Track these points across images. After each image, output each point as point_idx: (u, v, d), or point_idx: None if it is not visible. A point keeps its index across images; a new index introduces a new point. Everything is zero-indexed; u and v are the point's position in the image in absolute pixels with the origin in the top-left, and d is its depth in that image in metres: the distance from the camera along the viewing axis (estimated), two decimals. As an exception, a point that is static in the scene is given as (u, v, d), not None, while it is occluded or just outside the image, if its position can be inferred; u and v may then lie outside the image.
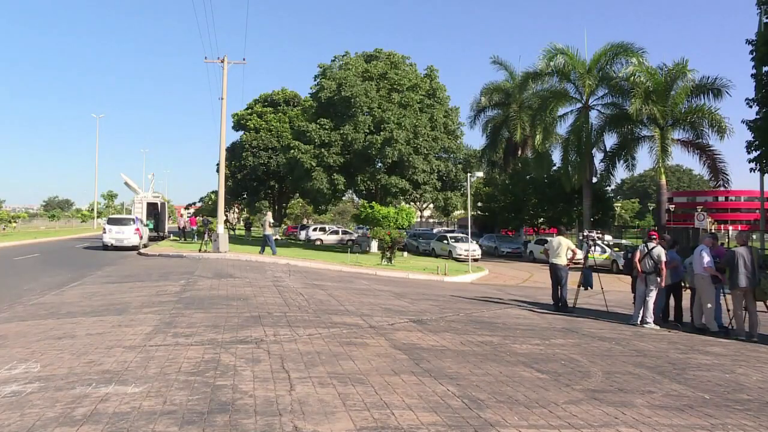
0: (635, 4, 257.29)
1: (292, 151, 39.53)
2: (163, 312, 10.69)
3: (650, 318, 12.96)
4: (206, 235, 30.85)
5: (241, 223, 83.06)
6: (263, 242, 28.85)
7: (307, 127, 39.47)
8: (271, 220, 30.33)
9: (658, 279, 12.83)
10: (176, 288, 14.56)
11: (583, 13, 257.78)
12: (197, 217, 50.84)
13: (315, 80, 42.52)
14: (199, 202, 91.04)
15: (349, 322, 10.59)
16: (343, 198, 55.79)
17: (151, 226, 40.86)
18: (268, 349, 7.89)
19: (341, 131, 38.51)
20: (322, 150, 38.64)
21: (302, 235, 56.74)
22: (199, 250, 28.03)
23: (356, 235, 51.86)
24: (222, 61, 30.57)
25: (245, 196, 63.53)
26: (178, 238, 42.63)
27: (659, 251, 12.96)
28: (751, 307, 12.23)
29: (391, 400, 5.81)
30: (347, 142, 38.54)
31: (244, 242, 41.34)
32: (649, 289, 12.92)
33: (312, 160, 38.49)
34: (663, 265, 12.77)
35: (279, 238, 57.82)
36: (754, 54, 36.88)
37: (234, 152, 57.57)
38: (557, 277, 14.72)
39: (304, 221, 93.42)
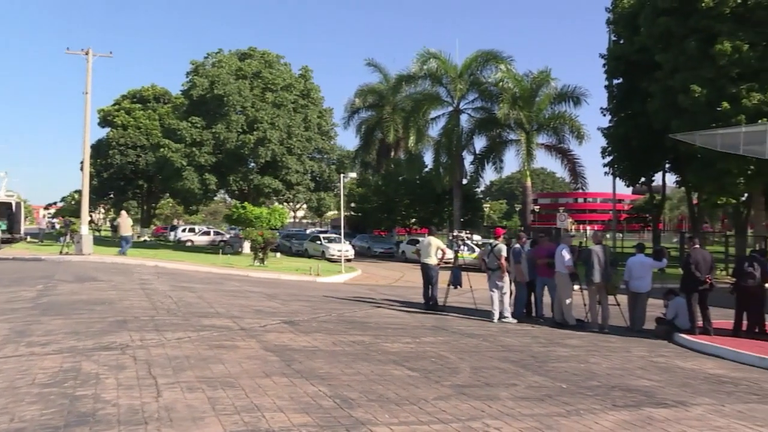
0: (505, 14, 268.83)
1: (161, 149, 38.14)
2: (15, 320, 9.90)
3: (507, 312, 13.66)
4: (68, 237, 29.12)
5: (108, 224, 79.25)
6: (121, 243, 27.61)
7: (177, 125, 38.25)
8: (130, 221, 29.09)
9: (502, 274, 13.59)
10: (32, 293, 13.60)
11: (455, 19, 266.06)
12: (53, 219, 47.86)
13: (187, 77, 41.23)
14: (60, 201, 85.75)
15: (219, 324, 10.39)
16: (215, 198, 54.54)
17: (4, 227, 37.98)
18: (134, 354, 7.59)
19: (213, 130, 37.61)
20: (194, 149, 37.57)
21: (172, 236, 54.97)
22: (60, 253, 26.44)
23: (228, 236, 50.80)
24: (86, 53, 28.91)
25: (112, 195, 60.60)
26: (36, 240, 39.95)
27: (500, 248, 13.71)
28: (604, 302, 13.19)
29: (261, 403, 5.78)
30: (219, 142, 37.71)
31: (111, 244, 39.38)
32: (499, 285, 13.61)
33: (183, 159, 37.33)
34: (502, 261, 13.51)
35: (148, 239, 55.66)
36: (606, 67, 39.74)
37: (100, 150, 54.77)
38: (428, 276, 15.11)
39: (175, 222, 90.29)
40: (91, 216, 48.94)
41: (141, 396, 5.79)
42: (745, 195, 37.30)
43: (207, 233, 53.03)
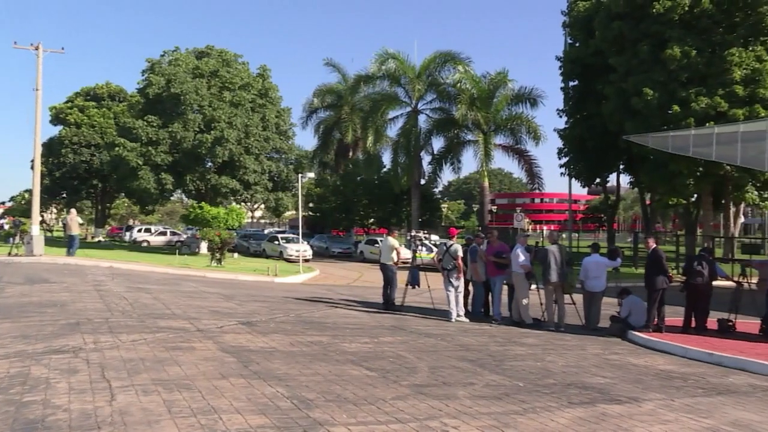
0: (464, 15, 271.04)
1: (116, 148, 37.42)
2: (-39, 323, 9.66)
3: (461, 311, 13.83)
4: (17, 237, 28.33)
5: (60, 224, 77.32)
6: (68, 243, 26.95)
7: (133, 124, 37.60)
8: (79, 220, 28.44)
9: (456, 274, 13.75)
10: (-21, 296, 13.24)
11: (414, 20, 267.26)
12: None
13: (142, 75, 40.57)
14: (9, 201, 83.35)
15: (175, 326, 10.24)
16: (172, 198, 53.78)
17: None
18: (87, 357, 7.43)
19: (170, 129, 37.10)
20: (150, 148, 36.99)
21: (127, 236, 54.07)
22: (9, 254, 25.72)
23: (185, 236, 50.12)
24: (36, 48, 28.11)
25: (64, 195, 59.17)
26: None
27: (456, 248, 13.88)
28: (560, 300, 13.39)
29: (218, 405, 5.72)
30: (176, 141, 37.21)
31: (63, 244, 38.45)
32: (455, 285, 13.76)
33: (138, 159, 36.70)
34: (459, 261, 13.67)
35: (102, 239, 54.55)
36: (562, 69, 40.38)
37: (52, 148, 53.43)
38: (386, 276, 15.20)
39: (130, 222, 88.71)
40: (42, 216, 47.76)
41: (94, 400, 5.67)
42: (695, 195, 38.33)
43: (163, 233, 52.30)
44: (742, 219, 53.07)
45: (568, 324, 13.36)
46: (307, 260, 34.38)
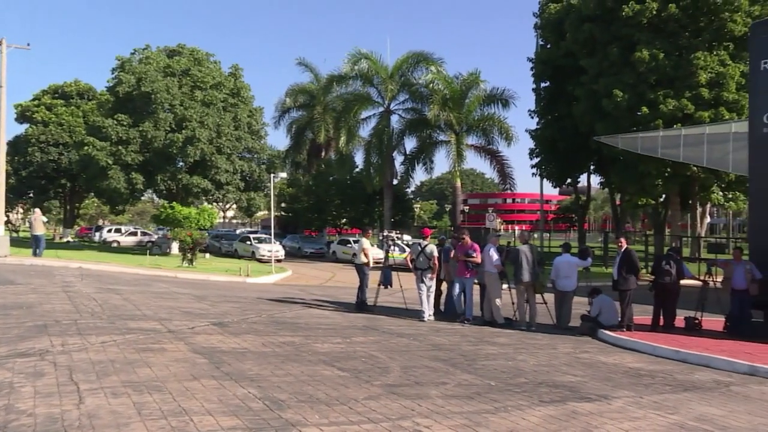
0: (437, 16, 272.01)
1: (86, 147, 36.85)
2: None
3: (431, 311, 13.90)
4: None
5: (27, 225, 75.88)
6: (33, 243, 26.47)
7: (103, 123, 37.05)
8: (44, 219, 27.96)
9: (432, 275, 13.81)
10: (-59, 298, 12.94)
11: (387, 20, 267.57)
12: None
13: (112, 73, 40.01)
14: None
15: (146, 327, 10.13)
16: (143, 198, 53.11)
17: None
18: (54, 360, 7.30)
19: (140, 128, 36.64)
20: (120, 147, 36.50)
21: (97, 236, 53.30)
22: (-27, 255, 25.18)
23: (156, 236, 49.59)
24: (-1, 44, 27.57)
25: (31, 195, 58.05)
26: None
27: (431, 248, 13.95)
28: (532, 300, 13.50)
29: (189, 406, 5.68)
30: (147, 140, 36.77)
31: (29, 245, 37.77)
32: (428, 285, 13.82)
33: (108, 158, 36.19)
34: (435, 261, 13.74)
35: (71, 240, 53.69)
36: (534, 71, 40.76)
37: (17, 147, 52.35)
38: (359, 276, 15.24)
39: (100, 222, 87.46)
40: (8, 216, 46.86)
41: (61, 404, 5.58)
42: (663, 196, 38.95)
43: (134, 234, 51.69)
44: (708, 219, 54.15)
45: (540, 323, 13.48)
46: (279, 260, 34.25)
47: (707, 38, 29.67)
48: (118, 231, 52.71)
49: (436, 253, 13.95)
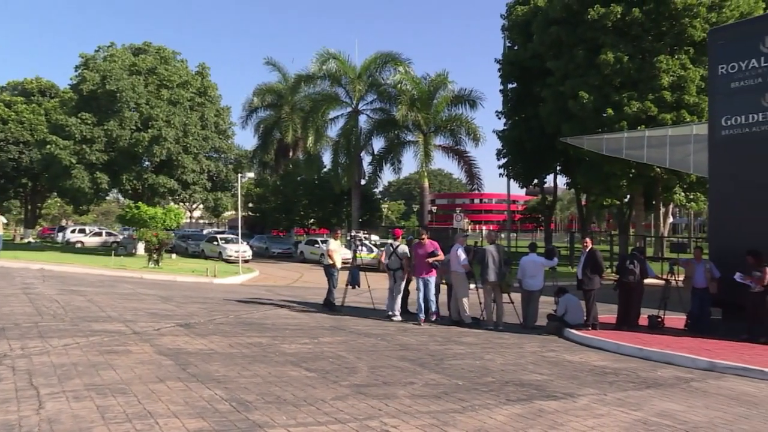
0: (405, 17, 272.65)
1: (48, 146, 36.13)
2: None
3: (397, 311, 13.91)
4: None
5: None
6: None
7: (66, 121, 36.36)
8: (3, 219, 27.38)
9: (404, 274, 13.87)
10: None
11: (355, 20, 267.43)
12: None
13: (76, 71, 39.31)
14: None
15: (110, 329, 9.99)
16: (107, 198, 52.28)
17: None
18: (12, 364, 7.14)
19: (105, 127, 36.07)
20: (84, 146, 35.88)
21: (60, 237, 52.31)
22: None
23: (121, 236, 48.88)
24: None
25: (-10, 194, 56.80)
26: None
27: (403, 248, 13.99)
28: (499, 300, 13.62)
29: (155, 409, 5.61)
30: (112, 139, 36.22)
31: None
32: (397, 284, 13.87)
33: (72, 157, 35.56)
34: (406, 261, 13.79)
35: (33, 240, 52.62)
36: (501, 72, 41.12)
37: (-25, 145, 51.18)
38: (326, 277, 15.23)
39: (63, 222, 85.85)
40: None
41: (19, 409, 5.44)
42: (628, 196, 39.56)
43: (98, 234, 50.92)
44: (670, 219, 55.18)
45: (507, 323, 13.60)
46: (246, 261, 34.03)
47: (669, 42, 30.25)
48: (82, 231, 51.84)
49: (408, 254, 13.98)
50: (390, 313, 13.88)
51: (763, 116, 12.65)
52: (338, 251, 15.60)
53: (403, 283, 14.06)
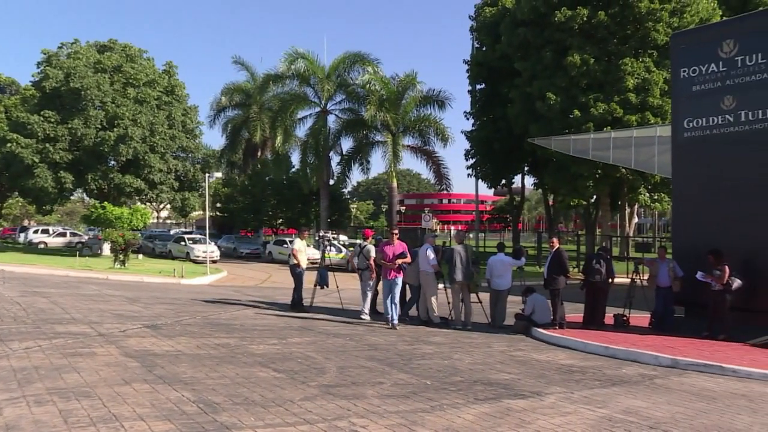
0: (374, 17, 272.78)
1: (9, 144, 35.38)
2: None
3: (366, 310, 13.92)
4: None
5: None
6: None
7: (28, 119, 35.67)
8: None
9: (371, 274, 13.88)
10: None
11: (324, 20, 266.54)
12: None
13: (38, 68, 38.57)
14: None
15: (75, 331, 9.82)
16: (72, 197, 51.39)
17: None
18: (-29, 369, 6.98)
19: (69, 125, 35.48)
20: (47, 145, 35.24)
21: (22, 237, 51.19)
22: None
23: (86, 237, 48.08)
24: None
25: (-53, 194, 55.45)
26: None
27: (369, 249, 14.01)
28: (467, 299, 13.67)
29: (120, 412, 5.53)
30: (76, 138, 35.66)
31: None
32: (366, 284, 13.90)
33: (34, 156, 34.89)
34: (371, 261, 13.81)
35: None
36: (470, 73, 41.38)
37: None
38: (293, 277, 15.21)
39: (25, 222, 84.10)
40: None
41: (-23, 416, 5.30)
42: (594, 197, 40.13)
43: (63, 234, 49.91)
44: (636, 219, 56.08)
45: (475, 322, 13.67)
46: (214, 261, 33.73)
47: (634, 45, 30.78)
48: (45, 232, 50.78)
49: (372, 254, 13.97)
50: (362, 313, 13.89)
51: (722, 119, 12.95)
52: (303, 251, 15.48)
53: (371, 283, 14.05)
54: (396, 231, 14.09)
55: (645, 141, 20.34)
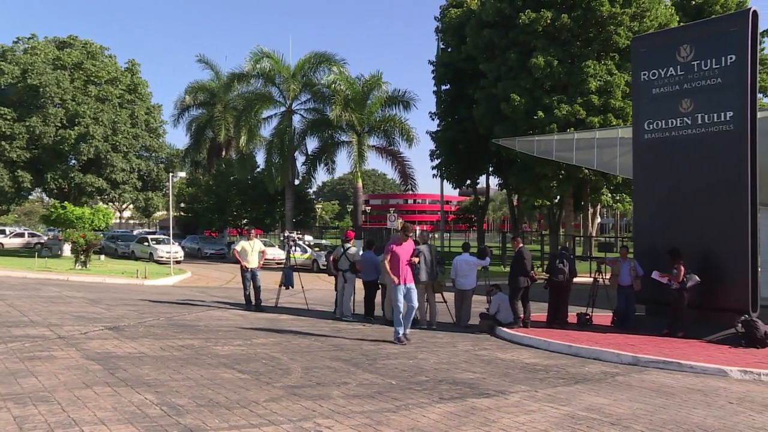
0: (339, 16, 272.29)
1: (-38, 142, 34.57)
2: None
3: (348, 312, 13.96)
4: None
5: None
6: None
7: (-20, 116, 34.85)
8: None
9: (350, 275, 13.92)
10: None
11: (289, 19, 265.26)
12: None
13: (-8, 63, 37.72)
14: None
15: (33, 334, 9.62)
16: (30, 197, 50.32)
17: None
18: None
19: (27, 123, 34.69)
20: (2, 143, 34.42)
21: (-24, 238, 49.98)
22: None
23: (46, 237, 47.11)
24: None
25: None
26: None
27: (354, 251, 14.06)
28: (432, 299, 13.74)
29: (81, 416, 5.43)
30: (35, 136, 34.90)
31: None
32: (350, 285, 13.94)
33: (-11, 154, 34.09)
34: (359, 265, 13.86)
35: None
36: (435, 74, 41.59)
37: None
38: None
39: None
40: None
41: (-75, 424, 5.13)
42: (558, 197, 40.64)
43: (20, 235, 48.80)
44: (598, 219, 56.97)
45: (440, 322, 13.73)
46: (178, 262, 33.38)
47: (596, 48, 31.27)
48: (2, 232, 49.63)
49: (358, 257, 13.99)
50: (340, 313, 13.88)
51: (680, 121, 13.21)
52: (248, 251, 15.09)
53: (353, 286, 14.05)
54: (407, 228, 12.08)
55: (607, 142, 20.64)
